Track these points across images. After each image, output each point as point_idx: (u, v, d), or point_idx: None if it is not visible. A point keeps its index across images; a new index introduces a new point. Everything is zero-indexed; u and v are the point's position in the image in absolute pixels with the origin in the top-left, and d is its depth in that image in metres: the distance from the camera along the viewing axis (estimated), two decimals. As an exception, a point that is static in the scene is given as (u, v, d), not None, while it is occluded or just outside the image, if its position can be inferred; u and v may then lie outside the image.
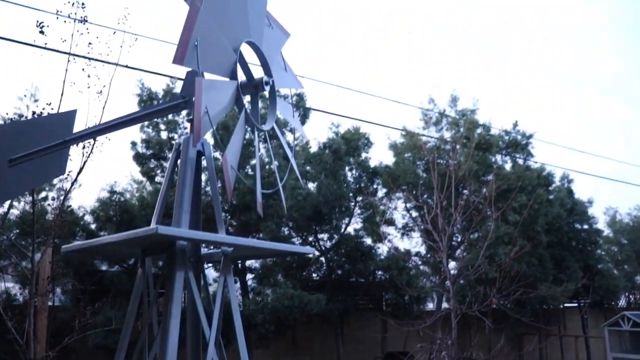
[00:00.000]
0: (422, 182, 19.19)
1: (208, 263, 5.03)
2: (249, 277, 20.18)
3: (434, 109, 21.86)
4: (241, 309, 16.81)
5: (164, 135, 18.24)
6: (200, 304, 4.29)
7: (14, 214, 15.48)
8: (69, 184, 11.46)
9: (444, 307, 19.07)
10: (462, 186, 17.86)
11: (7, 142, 5.28)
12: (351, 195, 21.19)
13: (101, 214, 17.44)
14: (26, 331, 10.19)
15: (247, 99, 5.05)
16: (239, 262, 18.69)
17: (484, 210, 15.60)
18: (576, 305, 30.18)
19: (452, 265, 19.21)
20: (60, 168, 5.69)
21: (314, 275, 21.60)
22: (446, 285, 15.06)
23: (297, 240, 20.67)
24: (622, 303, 33.78)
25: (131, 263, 17.46)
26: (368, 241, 21.32)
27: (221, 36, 4.33)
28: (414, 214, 21.72)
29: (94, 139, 10.19)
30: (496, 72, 74.18)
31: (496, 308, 16.83)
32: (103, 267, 18.01)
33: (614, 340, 24.41)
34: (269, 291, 17.84)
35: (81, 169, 10.53)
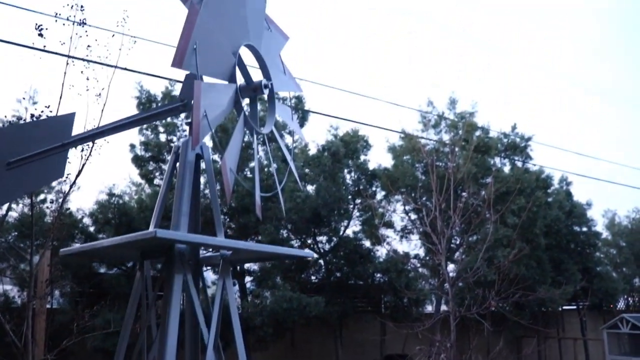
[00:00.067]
0: (421, 185, 19.21)
1: (207, 266, 5.01)
2: (248, 280, 20.16)
3: (433, 112, 21.91)
4: (240, 312, 16.79)
5: (163, 137, 18.25)
6: (199, 307, 4.28)
7: (13, 217, 15.47)
8: (68, 187, 11.47)
9: (443, 310, 19.08)
10: (461, 189, 17.87)
11: (6, 145, 5.27)
12: (350, 197, 21.19)
13: (100, 217, 17.43)
14: (24, 334, 10.17)
15: (246, 102, 5.05)
16: (238, 265, 18.67)
17: (483, 212, 15.61)
18: (575, 307, 30.20)
19: (451, 267, 19.22)
20: (58, 171, 5.68)
21: (313, 277, 21.59)
22: (445, 287, 15.04)
23: (296, 242, 20.66)
24: (621, 305, 33.80)
25: (130, 265, 17.45)
26: (367, 244, 21.33)
27: (220, 39, 4.34)
28: (413, 217, 21.74)
29: (93, 142, 10.19)
30: (496, 73, 74.33)
31: (495, 310, 16.83)
32: (101, 270, 17.99)
33: (613, 342, 24.42)
34: (268, 294, 17.83)
35: (80, 172, 10.52)
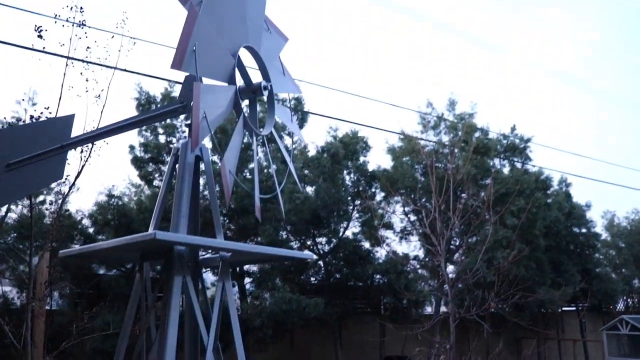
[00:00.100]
0: (421, 186, 19.22)
1: (206, 268, 5.02)
2: (247, 281, 20.16)
3: (432, 113, 21.92)
4: (239, 313, 16.78)
5: (162, 139, 18.25)
6: (198, 309, 4.28)
7: (12, 218, 15.47)
8: (67, 188, 11.45)
9: (443, 311, 19.08)
10: (461, 190, 17.88)
11: (5, 147, 5.27)
12: (349, 199, 21.20)
13: (99, 218, 17.43)
14: (23, 336, 10.14)
15: (245, 104, 5.05)
16: (237, 267, 18.66)
17: (482, 214, 15.61)
18: (574, 309, 30.19)
19: (451, 269, 19.23)
20: (58, 173, 5.68)
21: (312, 279, 21.59)
22: (444, 289, 15.04)
23: (295, 244, 20.65)
24: (620, 307, 33.80)
25: (129, 267, 17.44)
26: (366, 245, 21.33)
27: (219, 41, 4.34)
28: (412, 218, 21.74)
29: (92, 143, 10.18)
30: (496, 71, 74.37)
31: (494, 312, 16.85)
32: (101, 271, 17.98)
33: (612, 344, 24.42)
34: (267, 295, 17.83)
35: (79, 173, 10.50)
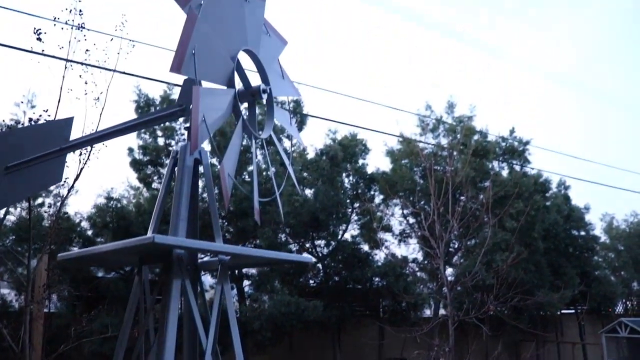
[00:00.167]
0: (419, 189, 19.22)
1: (205, 271, 5.03)
2: (246, 284, 20.14)
3: (431, 116, 21.93)
4: (238, 316, 16.76)
5: (161, 141, 18.25)
6: (197, 313, 4.27)
7: (10, 220, 15.45)
8: (66, 191, 11.44)
9: (441, 314, 19.06)
10: (459, 193, 17.88)
11: (4, 149, 5.26)
12: (348, 201, 21.20)
13: (98, 221, 17.41)
14: (22, 339, 10.12)
15: (245, 106, 5.05)
16: (236, 270, 18.64)
17: (481, 216, 15.61)
18: (573, 311, 30.17)
19: (449, 271, 19.25)
20: (57, 176, 5.67)
21: (311, 281, 21.57)
22: (443, 291, 15.05)
23: (294, 246, 20.64)
24: (619, 309, 33.77)
25: (128, 269, 17.41)
26: (365, 248, 21.33)
27: (218, 44, 4.34)
28: (411, 221, 21.73)
29: (91, 146, 10.17)
30: (495, 73, 74.42)
31: (493, 315, 16.81)
32: (99, 274, 17.96)
33: (612, 347, 24.42)
34: (266, 298, 17.81)
35: (78, 176, 10.50)
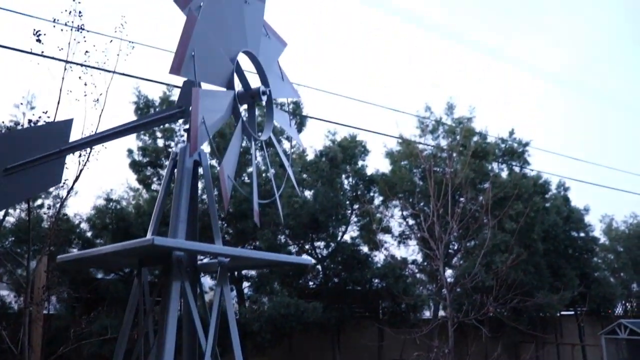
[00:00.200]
0: (419, 190, 19.22)
1: (205, 273, 5.04)
2: (245, 285, 20.11)
3: (431, 117, 21.94)
4: (237, 317, 16.74)
5: (161, 142, 18.23)
6: (196, 315, 4.27)
7: (10, 222, 15.43)
8: (65, 192, 11.43)
9: (441, 316, 19.05)
10: (459, 194, 17.88)
11: (3, 151, 5.26)
12: (348, 203, 21.19)
13: (97, 222, 17.39)
14: (21, 340, 10.10)
15: (244, 107, 5.06)
16: (236, 271, 18.63)
17: (481, 218, 15.61)
18: (573, 313, 30.15)
19: (449, 273, 19.24)
20: (56, 177, 5.65)
21: (311, 283, 21.55)
22: (443, 293, 15.04)
23: (294, 248, 20.63)
24: (619, 311, 33.75)
25: (127, 271, 17.39)
26: (364, 249, 21.32)
27: (218, 46, 4.34)
28: (411, 222, 21.73)
29: (91, 148, 10.17)
30: (494, 75, 74.48)
31: (493, 316, 16.80)
32: (99, 275, 17.93)
33: (611, 348, 24.41)
34: (266, 299, 17.79)
35: (77, 177, 10.49)
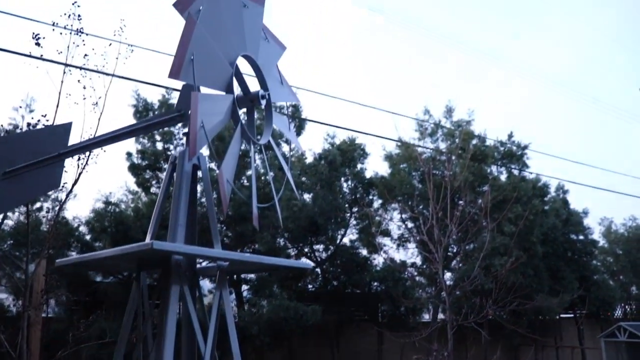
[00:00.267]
0: (418, 193, 19.22)
1: (204, 277, 5.04)
2: (245, 288, 20.09)
3: (430, 120, 21.96)
4: (236, 321, 16.72)
5: (160, 146, 18.22)
6: (195, 319, 4.27)
7: (8, 225, 15.41)
8: (64, 195, 11.43)
9: (440, 319, 19.03)
10: (458, 197, 17.89)
11: (2, 154, 5.26)
12: (347, 206, 21.19)
13: (96, 225, 17.36)
14: (19, 344, 10.08)
15: (243, 111, 5.06)
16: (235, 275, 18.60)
17: (480, 221, 15.62)
18: (572, 316, 30.14)
19: (448, 276, 19.21)
20: (55, 181, 5.66)
21: (310, 286, 21.53)
22: (442, 296, 15.03)
23: (293, 251, 20.62)
24: (618, 314, 33.74)
25: (126, 274, 17.37)
26: (364, 252, 21.30)
27: (217, 50, 4.35)
28: (410, 225, 21.72)
29: (90, 151, 10.16)
30: (494, 78, 74.61)
31: (492, 319, 16.81)
32: (97, 279, 17.91)
33: (611, 351, 24.37)
34: (265, 302, 17.76)
35: (76, 180, 10.48)
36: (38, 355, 11.93)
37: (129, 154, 18.14)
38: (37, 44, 9.24)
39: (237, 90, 4.81)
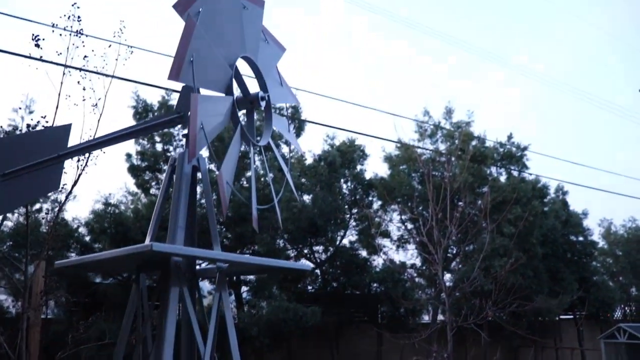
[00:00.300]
0: (418, 194, 19.23)
1: (203, 278, 5.03)
2: (244, 290, 20.09)
3: (429, 121, 21.97)
4: (236, 322, 16.71)
5: (159, 147, 18.22)
6: (195, 319, 4.26)
7: (8, 226, 15.41)
8: (64, 196, 11.41)
9: (440, 320, 19.04)
10: (458, 198, 17.89)
11: (1, 156, 5.26)
12: (346, 207, 21.19)
13: (96, 226, 17.36)
14: (18, 345, 10.06)
15: (243, 112, 5.06)
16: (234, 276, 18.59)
17: (479, 222, 15.62)
18: (572, 317, 30.13)
19: (448, 277, 19.24)
20: (54, 183, 5.65)
21: (310, 287, 21.53)
22: (442, 297, 15.03)
23: (292, 252, 20.61)
24: (618, 315, 33.73)
25: (125, 275, 17.36)
26: (363, 253, 21.30)
27: (217, 52, 4.35)
28: (409, 226, 21.73)
29: (89, 152, 10.15)
30: (494, 79, 74.62)
31: (492, 320, 16.81)
32: (97, 280, 17.90)
33: (610, 352, 24.35)
34: (264, 304, 17.76)
35: (76, 182, 10.46)
36: (37, 356, 11.91)
37: (129, 155, 18.15)
38: (37, 45, 9.24)
39: (237, 91, 4.81)
